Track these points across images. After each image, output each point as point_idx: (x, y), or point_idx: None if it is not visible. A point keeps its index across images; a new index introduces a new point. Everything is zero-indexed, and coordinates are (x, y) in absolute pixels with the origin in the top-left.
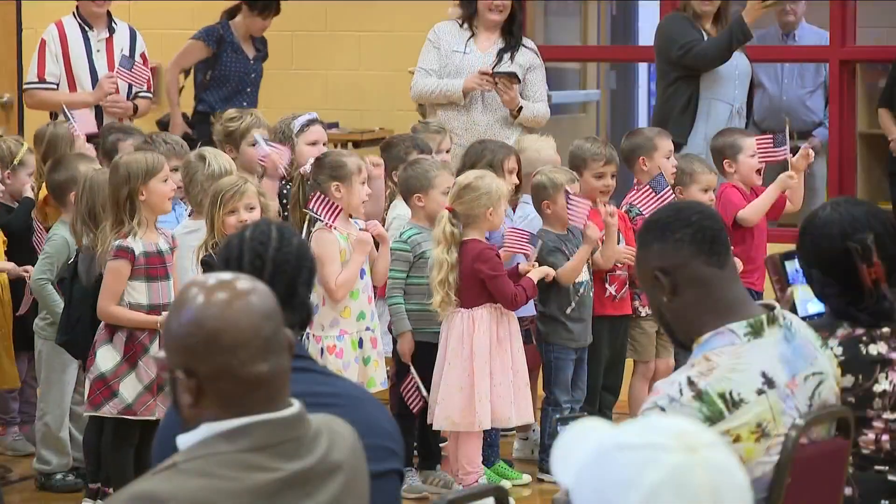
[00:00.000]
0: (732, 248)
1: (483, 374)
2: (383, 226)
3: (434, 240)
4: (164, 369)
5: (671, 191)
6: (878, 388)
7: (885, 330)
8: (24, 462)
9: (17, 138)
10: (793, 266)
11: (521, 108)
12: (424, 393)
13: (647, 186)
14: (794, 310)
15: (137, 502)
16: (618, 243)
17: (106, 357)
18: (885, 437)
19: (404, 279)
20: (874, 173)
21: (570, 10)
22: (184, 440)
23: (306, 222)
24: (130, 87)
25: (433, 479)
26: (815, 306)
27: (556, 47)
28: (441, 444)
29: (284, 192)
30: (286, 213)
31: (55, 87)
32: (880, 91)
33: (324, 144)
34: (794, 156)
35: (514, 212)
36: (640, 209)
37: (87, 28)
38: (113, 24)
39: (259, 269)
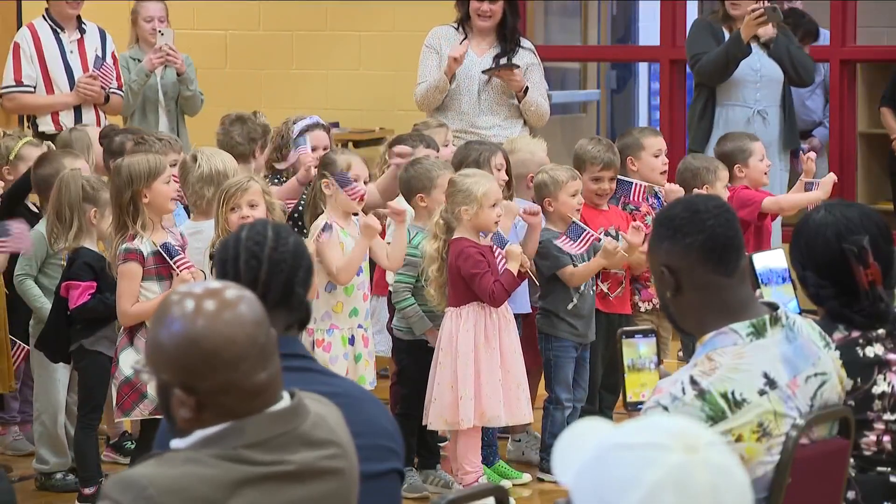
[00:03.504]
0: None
1: (466, 372)
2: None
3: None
4: (150, 378)
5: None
6: (877, 389)
7: (881, 331)
8: (24, 462)
9: (19, 133)
10: (765, 267)
11: (527, 87)
12: None
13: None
14: None
15: (118, 485)
16: (616, 238)
17: (129, 361)
18: (886, 439)
19: (413, 284)
20: (874, 173)
21: (570, 10)
22: (177, 444)
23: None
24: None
25: (433, 479)
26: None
27: (556, 47)
28: (441, 444)
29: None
30: (299, 215)
31: (33, 89)
32: (881, 91)
33: (325, 149)
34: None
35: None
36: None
37: (58, 30)
38: (83, 25)
39: (255, 269)
